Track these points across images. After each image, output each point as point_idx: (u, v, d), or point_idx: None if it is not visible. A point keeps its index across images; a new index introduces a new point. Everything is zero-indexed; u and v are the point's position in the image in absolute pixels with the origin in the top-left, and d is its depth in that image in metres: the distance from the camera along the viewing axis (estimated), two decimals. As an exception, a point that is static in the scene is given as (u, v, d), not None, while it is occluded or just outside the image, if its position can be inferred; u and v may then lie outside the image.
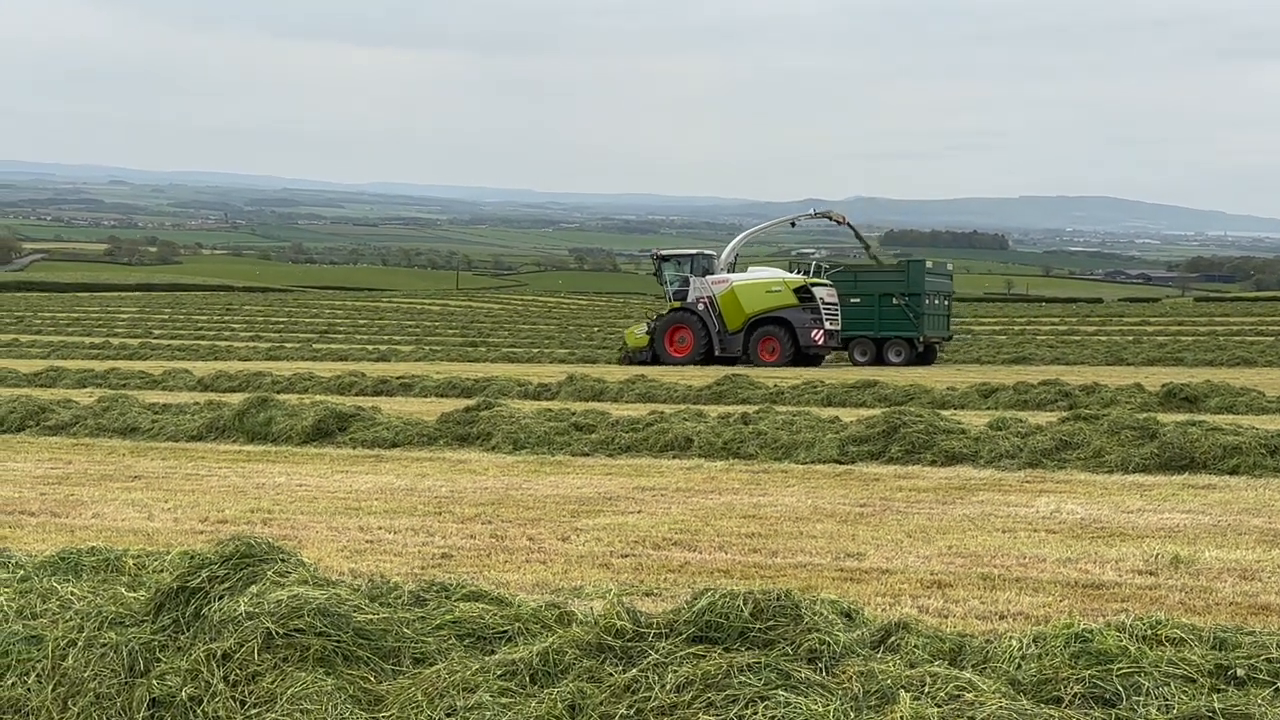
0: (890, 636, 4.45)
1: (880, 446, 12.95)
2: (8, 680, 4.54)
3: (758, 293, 34.90)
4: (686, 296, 35.61)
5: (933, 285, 36.93)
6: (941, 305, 37.74)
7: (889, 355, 36.20)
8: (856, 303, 36.30)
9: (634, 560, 7.91)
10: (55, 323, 65.85)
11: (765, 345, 34.57)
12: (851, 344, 36.55)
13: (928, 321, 36.35)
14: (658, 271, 37.72)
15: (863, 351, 36.44)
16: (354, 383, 25.04)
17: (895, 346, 36.24)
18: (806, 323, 34.42)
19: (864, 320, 36.30)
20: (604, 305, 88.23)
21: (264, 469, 12.80)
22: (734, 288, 35.00)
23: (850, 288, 36.54)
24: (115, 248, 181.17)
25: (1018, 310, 79.73)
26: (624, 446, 13.88)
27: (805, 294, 34.72)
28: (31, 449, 14.82)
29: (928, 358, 36.71)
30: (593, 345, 51.95)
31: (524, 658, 4.27)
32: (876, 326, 36.30)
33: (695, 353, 34.73)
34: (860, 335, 36.39)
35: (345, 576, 6.54)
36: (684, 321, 35.32)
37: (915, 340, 36.09)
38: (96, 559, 5.60)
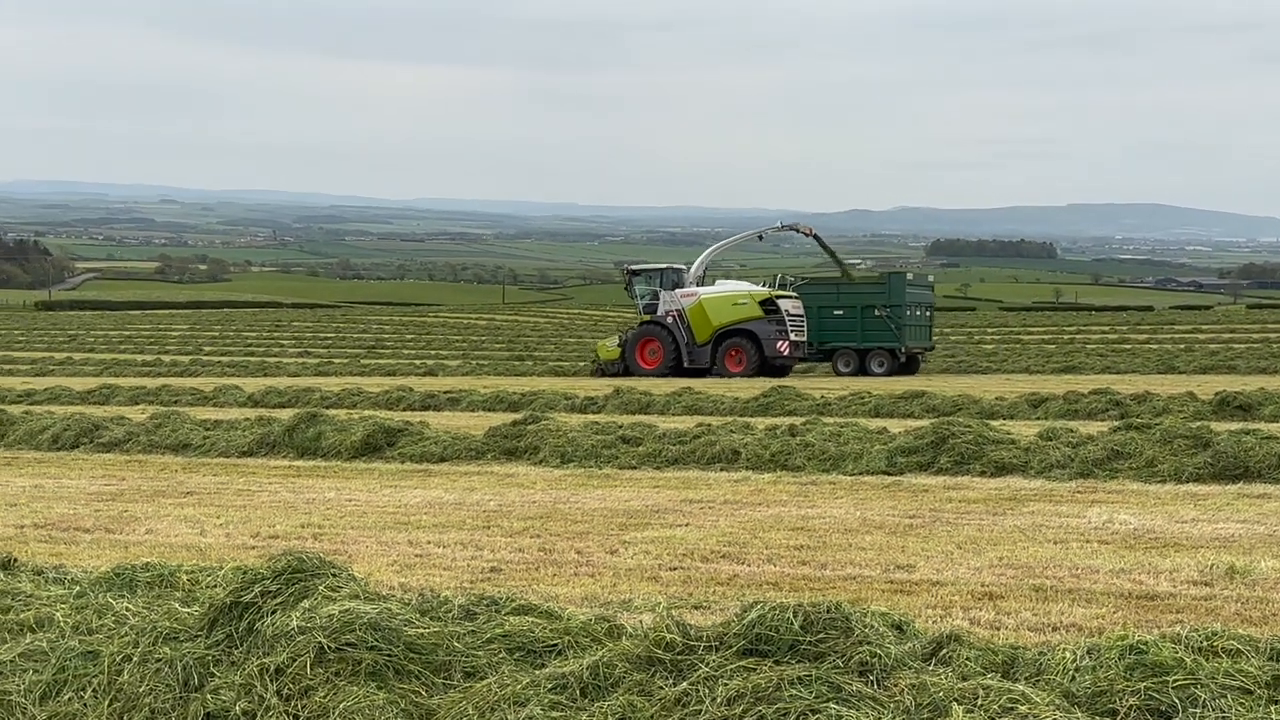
0: (942, 649, 4.42)
1: (929, 457, 12.87)
2: (65, 696, 4.59)
3: (724, 305, 36.02)
4: (657, 310, 36.70)
5: (913, 297, 37.88)
6: (923, 316, 38.66)
7: (871, 366, 36.87)
8: (840, 315, 37.32)
9: (682, 573, 7.90)
10: (108, 340, 66.63)
11: (732, 356, 35.60)
12: (836, 355, 37.48)
13: (909, 332, 37.20)
14: (628, 286, 38.80)
15: (846, 362, 37.25)
16: (402, 397, 25.17)
17: (878, 357, 36.96)
18: (771, 334, 35.45)
19: (847, 331, 37.27)
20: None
21: (314, 484, 12.89)
22: (702, 301, 36.10)
23: (834, 300, 37.63)
24: (166, 266, 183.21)
25: (1067, 319, 79.07)
26: (671, 459, 13.87)
27: (770, 306, 35.82)
28: (86, 466, 14.99)
29: (910, 368, 37.38)
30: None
31: (574, 671, 4.27)
32: (860, 338, 37.19)
33: (665, 364, 35.74)
34: (844, 346, 37.34)
35: (395, 591, 6.57)
36: (654, 334, 36.38)
37: (897, 351, 36.87)
38: (151, 575, 5.66)
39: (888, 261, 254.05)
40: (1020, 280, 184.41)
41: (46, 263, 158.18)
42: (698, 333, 35.86)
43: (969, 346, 54.53)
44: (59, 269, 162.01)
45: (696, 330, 35.89)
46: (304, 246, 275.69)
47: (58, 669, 4.68)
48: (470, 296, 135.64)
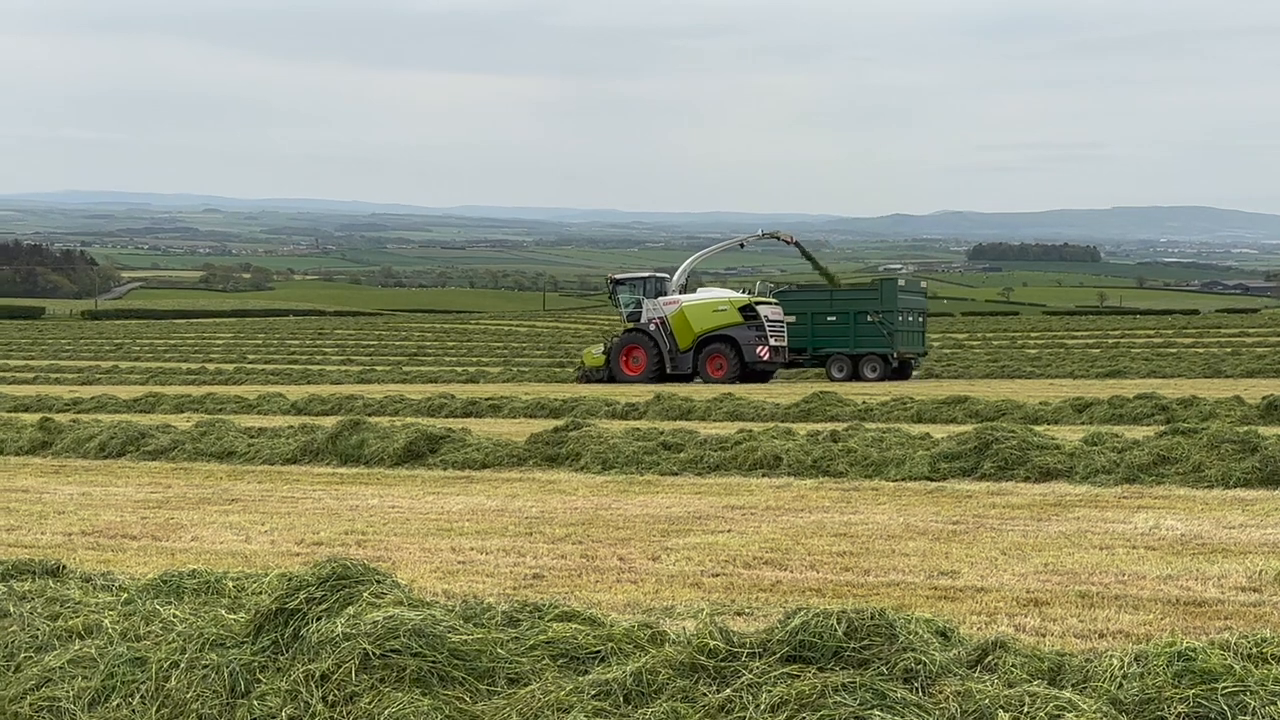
0: (987, 656, 4.40)
1: (972, 463, 12.80)
2: (113, 702, 4.64)
3: (705, 312, 36.64)
4: (640, 318, 37.31)
5: (906, 303, 38.27)
6: (916, 322, 39.03)
7: (864, 371, 37.29)
8: (833, 320, 37.75)
9: (725, 579, 7.89)
10: (153, 349, 67.26)
11: (713, 362, 36.20)
12: (829, 360, 37.87)
13: (901, 338, 37.64)
14: (612, 294, 39.43)
15: (840, 367, 37.65)
16: (444, 404, 25.27)
17: (870, 362, 37.39)
18: (751, 340, 36.05)
19: (840, 337, 37.67)
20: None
21: (357, 491, 12.96)
22: (683, 308, 36.73)
23: (827, 306, 38.15)
24: (210, 275, 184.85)
25: (1111, 323, 78.44)
26: (713, 465, 13.85)
27: (750, 313, 36.44)
28: (132, 474, 15.13)
29: (904, 373, 37.77)
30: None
31: (618, 678, 4.27)
32: (852, 343, 37.54)
33: (648, 371, 36.31)
34: (837, 351, 37.72)
35: (439, 597, 6.60)
36: (637, 342, 36.95)
37: (889, 356, 37.27)
38: (197, 581, 5.70)
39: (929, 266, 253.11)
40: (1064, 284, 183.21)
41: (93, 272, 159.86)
42: (680, 339, 36.50)
43: (1012, 351, 54.21)
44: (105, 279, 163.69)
45: (679, 337, 36.52)
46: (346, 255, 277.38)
47: (106, 675, 4.72)
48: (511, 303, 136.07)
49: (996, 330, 73.42)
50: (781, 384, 36.49)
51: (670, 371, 36.29)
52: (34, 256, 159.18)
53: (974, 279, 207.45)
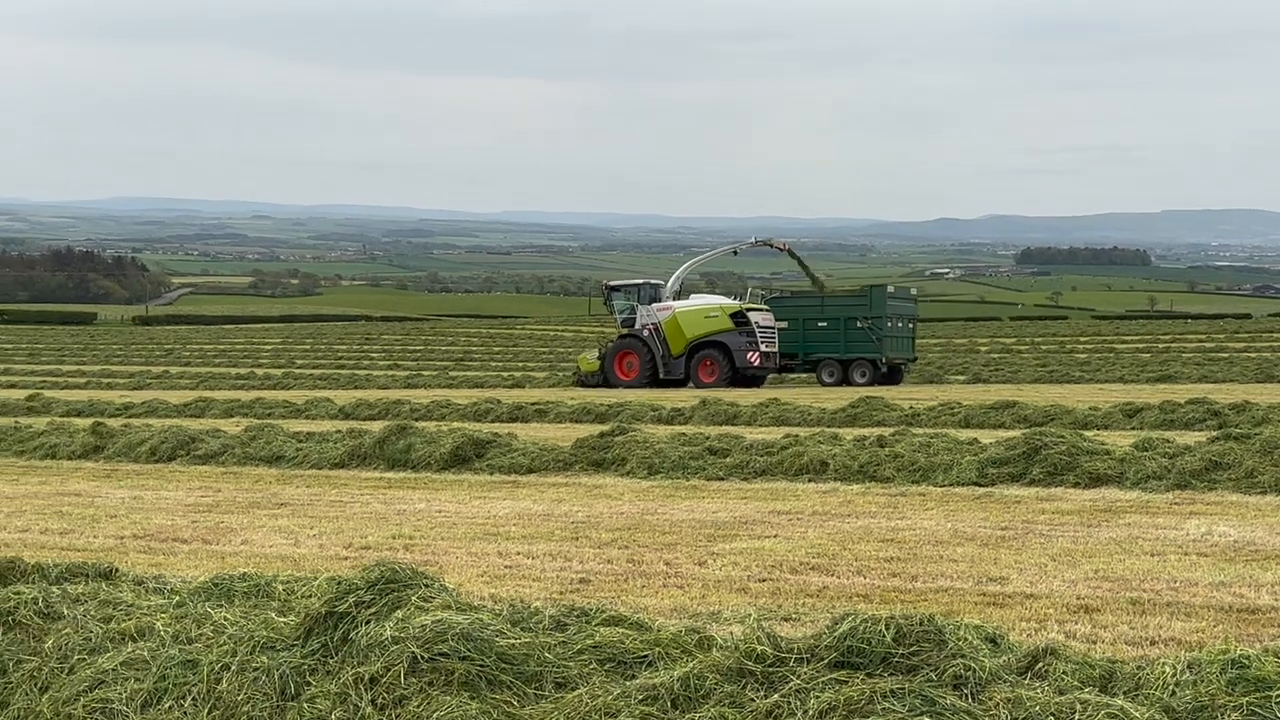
0: (1038, 662, 4.36)
1: (1021, 468, 12.71)
2: (165, 704, 4.68)
3: (697, 319, 37.52)
4: (634, 324, 38.28)
5: (895, 309, 39.30)
6: (905, 328, 39.97)
7: (854, 376, 38.11)
8: (824, 326, 38.83)
9: (771, 585, 7.87)
10: (203, 354, 67.91)
11: (704, 367, 37.15)
12: (820, 365, 38.85)
13: (890, 344, 38.57)
14: (607, 301, 40.53)
15: (830, 372, 38.56)
16: (490, 409, 25.36)
17: (860, 367, 38.26)
18: (742, 346, 36.90)
19: (831, 343, 38.71)
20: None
21: (404, 495, 13.02)
22: (676, 315, 37.61)
23: (819, 312, 39.29)
24: (259, 280, 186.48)
25: (1162, 327, 77.69)
26: (759, 470, 13.82)
27: (741, 319, 37.26)
28: (183, 478, 15.27)
29: (894, 378, 38.55)
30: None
31: (665, 682, 4.27)
32: (843, 348, 38.54)
33: (642, 376, 37.19)
34: (828, 357, 38.70)
35: (486, 601, 6.62)
36: (631, 347, 37.97)
37: (878, 361, 38.16)
38: (248, 585, 5.75)
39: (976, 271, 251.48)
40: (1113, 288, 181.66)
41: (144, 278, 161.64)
42: (673, 345, 37.36)
43: (1061, 356, 53.80)
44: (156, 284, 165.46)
45: (672, 343, 37.38)
46: (393, 260, 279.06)
47: (158, 677, 4.77)
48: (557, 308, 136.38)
49: (1045, 335, 72.88)
50: (827, 389, 36.40)
51: (663, 376, 37.13)
52: (86, 263, 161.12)
53: (1022, 283, 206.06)
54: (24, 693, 4.94)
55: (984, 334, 76.35)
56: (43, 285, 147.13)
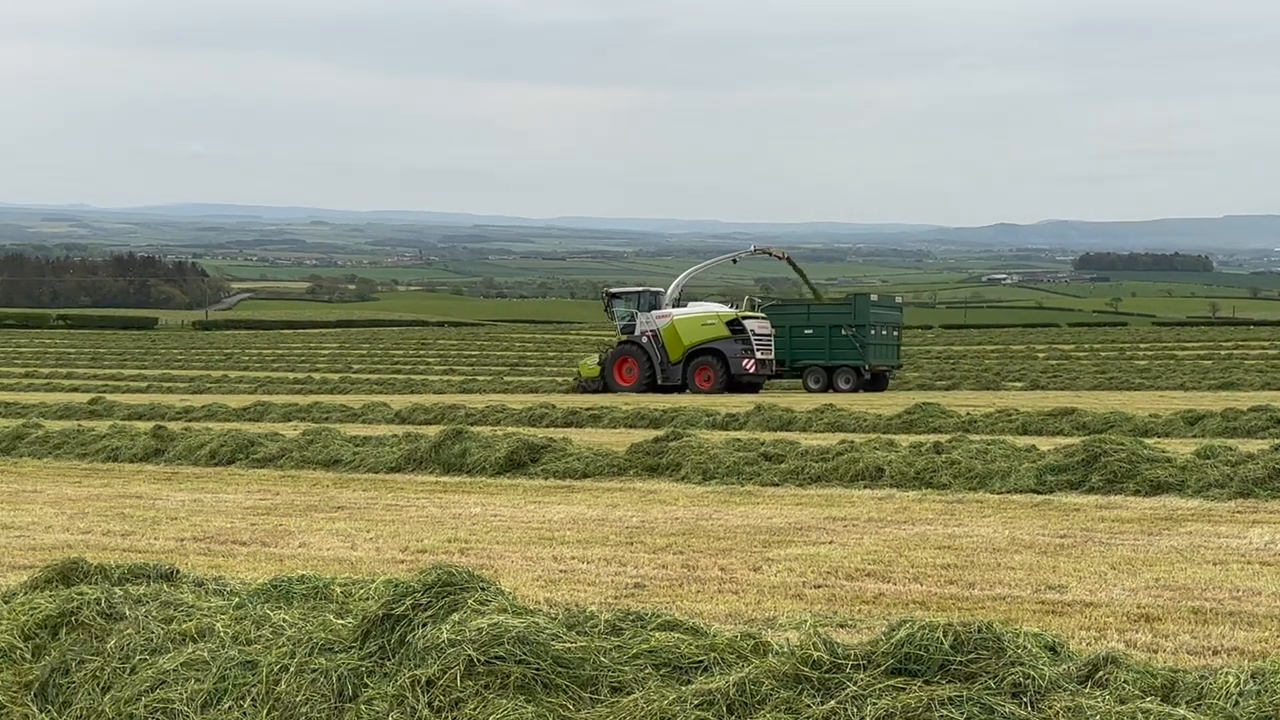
0: (1098, 671, 4.31)
1: (1080, 476, 12.58)
2: (225, 704, 4.73)
3: (694, 326, 38.34)
4: (634, 330, 39.11)
5: (878, 317, 40.29)
6: (889, 336, 40.93)
7: (838, 382, 39.10)
8: (810, 334, 39.88)
9: (827, 591, 7.84)
10: (262, 359, 68.57)
11: (701, 374, 37.85)
12: (806, 372, 39.84)
13: (874, 351, 39.54)
14: (608, 308, 41.43)
15: (815, 379, 39.50)
16: (545, 414, 25.42)
17: (844, 374, 39.25)
18: (737, 353, 37.70)
19: (817, 350, 39.70)
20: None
21: (460, 499, 13.08)
22: (674, 322, 38.42)
23: (804, 320, 40.34)
24: (316, 286, 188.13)
25: (1224, 334, 76.65)
26: (814, 476, 13.77)
27: (737, 326, 38.12)
28: (242, 481, 15.42)
29: (879, 385, 39.56)
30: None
31: (720, 688, 4.26)
32: (828, 355, 39.54)
33: (640, 381, 37.98)
34: (813, 364, 39.72)
35: (541, 605, 6.63)
36: (630, 353, 38.78)
37: (862, 368, 39.18)
38: (306, 587, 5.79)
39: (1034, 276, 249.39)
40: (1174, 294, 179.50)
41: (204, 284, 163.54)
42: (671, 352, 38.13)
43: (1120, 362, 53.22)
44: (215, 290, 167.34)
45: (670, 349, 38.15)
46: (449, 266, 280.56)
47: (219, 678, 4.81)
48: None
49: (1104, 341, 72.15)
50: (883, 395, 36.22)
51: (661, 382, 37.92)
52: (148, 268, 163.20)
53: (1080, 289, 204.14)
54: (86, 692, 5.00)
55: (1042, 340, 75.69)
56: (105, 290, 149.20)
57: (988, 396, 33.25)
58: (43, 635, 5.33)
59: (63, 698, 5.04)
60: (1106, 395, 33.02)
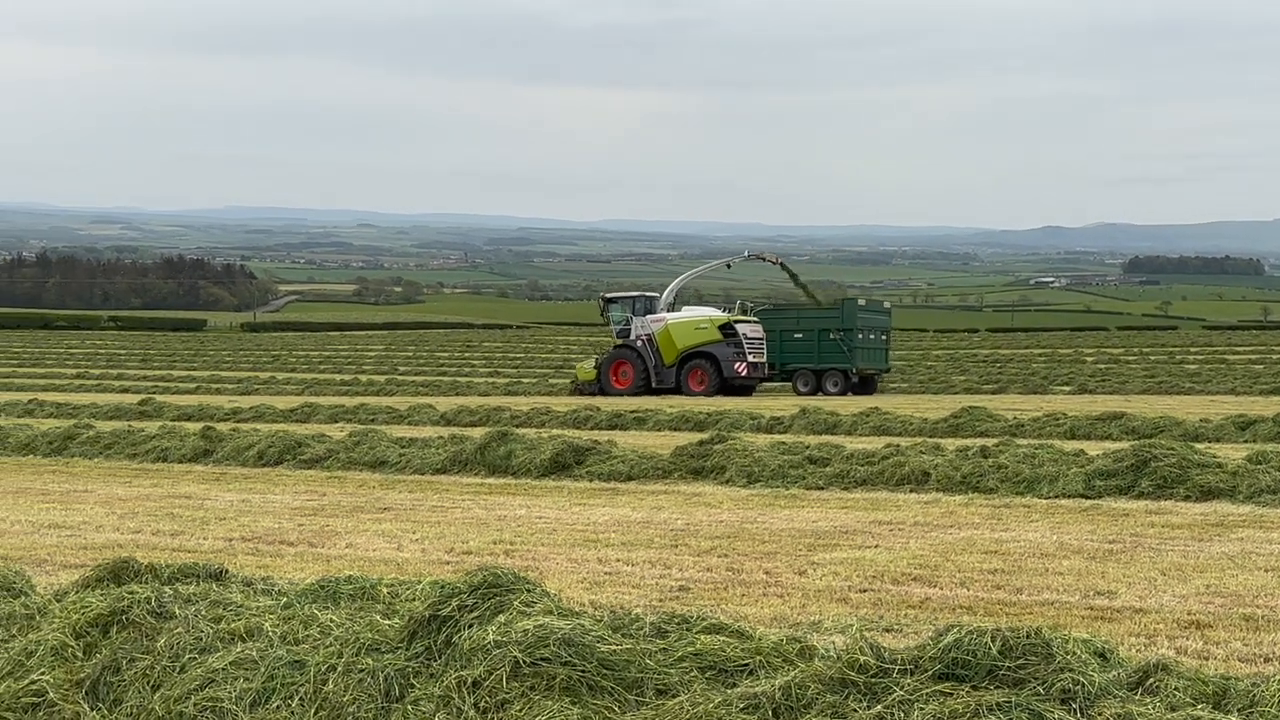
0: (1148, 678, 4.27)
1: (1129, 481, 12.46)
2: (273, 703, 4.76)
3: (688, 330, 39.10)
4: (629, 334, 39.75)
5: (866, 322, 40.87)
6: (878, 340, 41.50)
7: (826, 385, 39.78)
8: (799, 338, 40.51)
9: (872, 595, 7.80)
10: (309, 361, 69.02)
11: (694, 377, 38.55)
12: (795, 375, 40.48)
13: (861, 355, 40.21)
14: (604, 312, 42.18)
15: (804, 382, 40.19)
16: (589, 416, 25.45)
17: (832, 377, 39.94)
18: (730, 356, 38.45)
19: (805, 353, 40.32)
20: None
21: (505, 501, 13.12)
22: (668, 326, 39.17)
23: (794, 325, 41.02)
24: (363, 288, 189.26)
25: (1276, 338, 75.69)
26: (859, 480, 13.72)
27: (729, 330, 38.87)
28: (289, 481, 15.54)
29: (868, 388, 40.25)
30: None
31: (766, 691, 4.25)
32: (816, 359, 40.20)
33: (635, 384, 38.64)
34: (802, 367, 40.39)
35: (586, 608, 6.64)
36: (625, 357, 39.55)
37: (849, 372, 39.84)
38: (353, 587, 5.82)
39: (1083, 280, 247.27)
40: (1225, 298, 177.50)
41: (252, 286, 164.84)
42: (665, 355, 38.85)
43: (1170, 366, 52.69)
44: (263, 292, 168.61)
45: (664, 353, 38.85)
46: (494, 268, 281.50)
47: (267, 677, 4.85)
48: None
49: (1154, 345, 71.45)
50: (929, 398, 36.02)
51: (655, 385, 38.56)
52: (197, 270, 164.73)
53: (1129, 292, 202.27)
54: (137, 690, 5.05)
55: (1090, 344, 75.06)
56: (155, 292, 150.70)
57: (1035, 400, 32.98)
58: (94, 633, 5.38)
59: (113, 695, 5.09)
60: (1156, 399, 32.70)
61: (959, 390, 43.09)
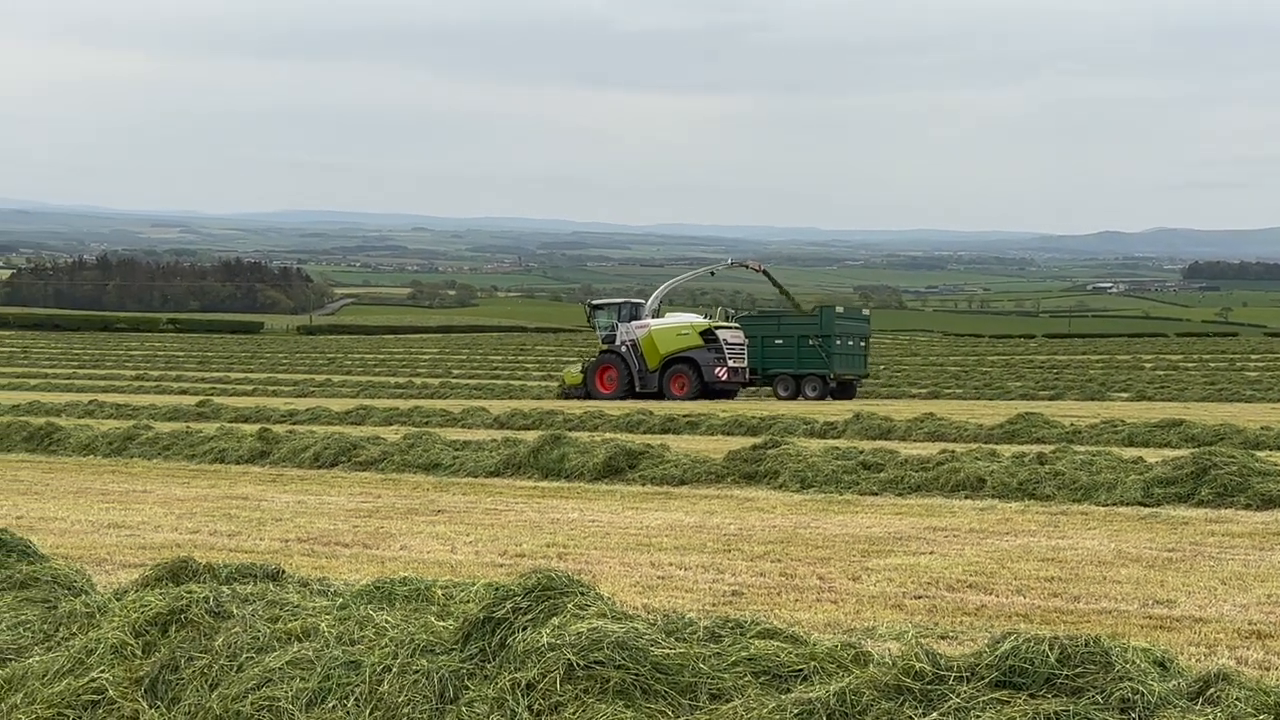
0: (1209, 688, 4.21)
1: (1189, 489, 12.30)
2: (329, 703, 4.79)
3: (670, 335, 40.04)
4: (615, 340, 40.74)
5: (844, 328, 42.00)
6: (856, 346, 42.60)
7: (806, 390, 40.87)
8: (780, 344, 41.47)
9: (927, 602, 7.75)
10: (364, 363, 69.51)
11: (675, 381, 39.49)
12: (775, 380, 41.54)
13: (839, 360, 41.31)
14: (590, 318, 43.36)
15: (785, 386, 41.27)
16: (642, 421, 25.46)
17: (811, 382, 40.97)
18: (710, 361, 39.31)
19: (785, 359, 41.37)
20: (889, 343, 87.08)
21: (558, 504, 13.14)
22: (652, 332, 40.10)
23: (775, 331, 42.09)
24: (417, 291, 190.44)
25: (1339, 344, 74.51)
26: (913, 486, 13.63)
27: (710, 336, 39.75)
28: (344, 483, 15.65)
29: (847, 393, 41.40)
30: (878, 383, 51.32)
31: (821, 697, 4.23)
32: (796, 364, 41.25)
33: (620, 389, 39.56)
34: (782, 372, 41.40)
35: (639, 611, 6.64)
36: (610, 362, 40.56)
37: (827, 377, 40.88)
38: (408, 589, 5.85)
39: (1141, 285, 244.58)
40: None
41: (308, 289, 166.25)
42: (649, 360, 39.80)
43: (1230, 374, 51.99)
44: (319, 295, 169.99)
45: (648, 358, 39.82)
46: (547, 272, 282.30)
47: (323, 677, 4.88)
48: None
49: (1214, 352, 70.56)
50: (985, 404, 35.76)
51: (639, 390, 39.40)
52: (254, 273, 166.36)
53: (1189, 298, 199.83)
54: (195, 689, 5.10)
55: (1149, 350, 74.23)
56: (213, 295, 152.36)
57: (1092, 407, 32.66)
58: (153, 632, 5.44)
59: (172, 694, 5.14)
60: (1216, 407, 32.29)
61: (1015, 396, 42.78)
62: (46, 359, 73.78)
